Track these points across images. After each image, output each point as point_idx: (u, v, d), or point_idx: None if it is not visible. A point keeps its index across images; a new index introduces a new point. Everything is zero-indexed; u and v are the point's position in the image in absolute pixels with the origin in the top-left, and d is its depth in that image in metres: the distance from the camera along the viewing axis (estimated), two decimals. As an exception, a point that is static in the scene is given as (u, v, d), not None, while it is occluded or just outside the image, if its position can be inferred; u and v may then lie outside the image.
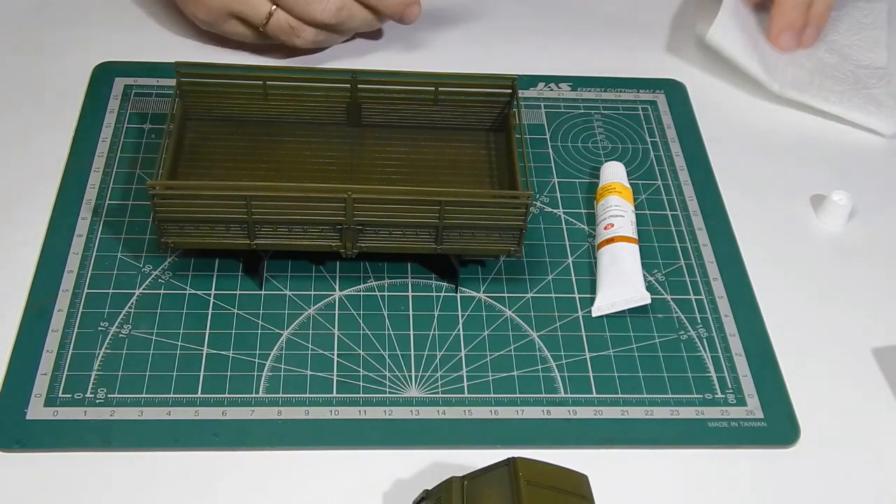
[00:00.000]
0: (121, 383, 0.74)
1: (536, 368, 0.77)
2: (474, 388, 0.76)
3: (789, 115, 1.01)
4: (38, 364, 0.75)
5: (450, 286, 0.82)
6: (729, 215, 0.90)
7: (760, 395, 0.77)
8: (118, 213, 0.85)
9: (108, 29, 1.03)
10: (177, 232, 0.77)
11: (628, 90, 1.02)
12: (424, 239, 0.78)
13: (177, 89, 0.83)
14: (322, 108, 0.87)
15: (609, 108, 1.00)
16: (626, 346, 0.79)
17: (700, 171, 0.94)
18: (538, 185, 0.91)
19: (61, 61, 0.99)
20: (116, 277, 0.81)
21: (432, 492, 0.65)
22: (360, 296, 0.81)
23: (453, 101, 0.87)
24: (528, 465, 0.62)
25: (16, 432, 0.71)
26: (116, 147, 0.91)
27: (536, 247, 0.86)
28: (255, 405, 0.73)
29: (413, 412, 0.74)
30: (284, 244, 0.78)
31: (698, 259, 0.86)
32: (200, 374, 0.75)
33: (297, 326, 0.79)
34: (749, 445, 0.74)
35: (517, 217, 0.76)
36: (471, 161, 0.87)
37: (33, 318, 0.77)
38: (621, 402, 0.76)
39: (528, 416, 0.74)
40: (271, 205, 0.75)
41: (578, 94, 1.01)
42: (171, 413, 0.72)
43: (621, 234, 0.84)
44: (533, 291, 0.82)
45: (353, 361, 0.77)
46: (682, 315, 0.82)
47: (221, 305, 0.79)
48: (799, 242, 0.89)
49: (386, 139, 0.87)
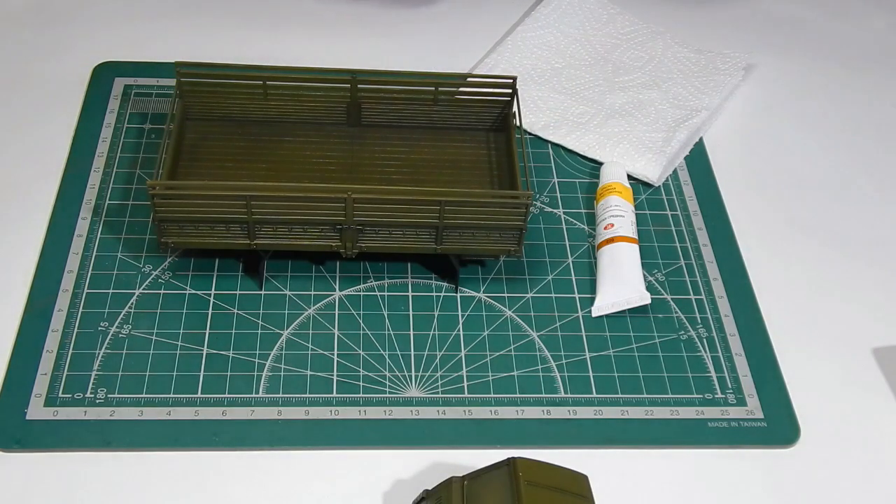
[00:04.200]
0: (121, 383, 0.74)
1: (536, 368, 0.77)
2: (474, 388, 0.76)
3: (788, 112, 1.01)
4: (38, 364, 0.75)
5: (450, 286, 0.82)
6: (729, 215, 0.90)
7: (760, 395, 0.77)
8: (118, 213, 0.85)
9: (108, 28, 1.03)
10: (177, 232, 0.77)
11: (628, 90, 1.02)
12: (424, 239, 0.78)
13: (177, 89, 0.83)
14: (322, 108, 0.87)
15: (609, 108, 1.00)
16: (626, 346, 0.79)
17: (700, 171, 0.94)
18: (538, 185, 0.91)
19: (61, 61, 0.99)
20: (116, 277, 0.81)
21: (432, 492, 0.65)
22: (360, 296, 0.81)
23: (453, 101, 0.87)
24: (528, 465, 0.62)
25: (16, 432, 0.71)
26: (116, 147, 0.91)
27: (536, 247, 0.86)
28: (255, 405, 0.73)
29: (413, 412, 0.74)
30: (284, 244, 0.78)
31: (698, 259, 0.86)
32: (200, 374, 0.75)
33: (297, 326, 0.79)
34: (749, 445, 0.74)
35: (517, 217, 0.76)
36: (471, 161, 0.87)
37: (33, 318, 0.77)
38: (621, 402, 0.76)
39: (528, 416, 0.74)
40: (271, 205, 0.75)
41: (578, 94, 1.01)
42: (171, 413, 0.73)
43: (621, 234, 0.84)
44: (533, 291, 0.82)
45: (353, 361, 0.77)
46: (682, 315, 0.82)
47: (221, 305, 0.79)
48: (799, 242, 0.89)
49: (386, 139, 0.87)
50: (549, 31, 1.04)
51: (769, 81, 1.04)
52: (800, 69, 1.06)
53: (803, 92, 1.04)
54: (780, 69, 1.06)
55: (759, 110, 1.01)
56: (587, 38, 1.04)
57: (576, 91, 0.98)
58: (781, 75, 1.05)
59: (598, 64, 1.02)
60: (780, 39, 1.09)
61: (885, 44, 1.10)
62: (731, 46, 1.05)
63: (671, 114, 0.96)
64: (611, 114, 0.96)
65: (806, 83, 1.05)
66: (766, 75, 1.05)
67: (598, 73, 1.00)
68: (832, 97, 1.04)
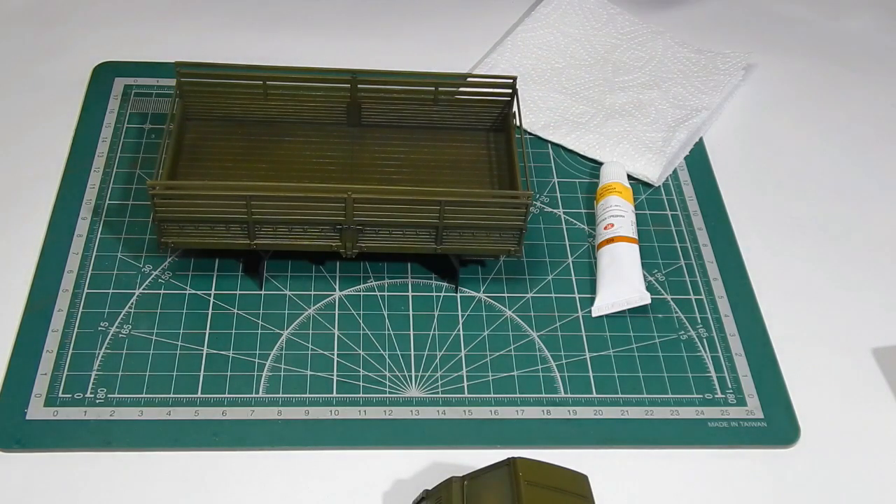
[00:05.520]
0: (121, 383, 0.74)
1: (536, 368, 0.77)
2: (474, 388, 0.76)
3: (788, 112, 1.01)
4: (38, 364, 0.75)
5: (450, 286, 0.82)
6: (729, 215, 0.90)
7: (760, 395, 0.77)
8: (118, 213, 0.85)
9: (108, 28, 1.03)
10: (177, 232, 0.77)
11: (628, 90, 1.02)
12: (424, 239, 0.78)
13: (177, 89, 0.83)
14: (322, 108, 0.87)
15: (609, 108, 1.00)
16: (626, 346, 0.79)
17: (700, 171, 0.94)
18: (538, 185, 0.91)
19: (61, 61, 0.99)
20: (116, 277, 0.81)
21: (432, 492, 0.65)
22: (360, 296, 0.81)
23: (453, 101, 0.87)
24: (528, 465, 0.62)
25: (16, 432, 0.71)
26: (116, 147, 0.91)
27: (536, 247, 0.86)
28: (255, 405, 0.73)
29: (413, 412, 0.74)
30: (284, 244, 0.78)
31: (698, 259, 0.86)
32: (200, 374, 0.75)
33: (297, 326, 0.79)
34: (749, 445, 0.74)
35: (517, 217, 0.76)
36: (471, 161, 0.87)
37: (33, 318, 0.77)
38: (621, 402, 0.76)
39: (528, 416, 0.74)
40: (271, 205, 0.75)
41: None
42: (171, 413, 0.73)
43: (621, 234, 0.84)
44: (533, 291, 0.82)
45: (353, 361, 0.77)
46: (682, 315, 0.82)
47: (221, 305, 0.79)
48: (799, 242, 0.89)
49: (386, 139, 0.87)
50: (549, 31, 1.04)
51: (769, 81, 1.04)
52: (800, 69, 1.06)
53: (803, 92, 1.04)
54: (780, 69, 1.06)
55: (759, 110, 1.01)
56: (587, 38, 1.04)
57: (576, 91, 0.98)
58: (781, 75, 1.05)
59: (598, 64, 1.02)
60: (780, 39, 1.09)
61: (885, 44, 1.10)
62: (731, 46, 1.05)
63: (671, 114, 0.96)
64: (611, 114, 0.96)
65: (806, 83, 1.05)
66: (766, 75, 1.05)
67: (598, 73, 1.01)
68: (832, 97, 1.04)
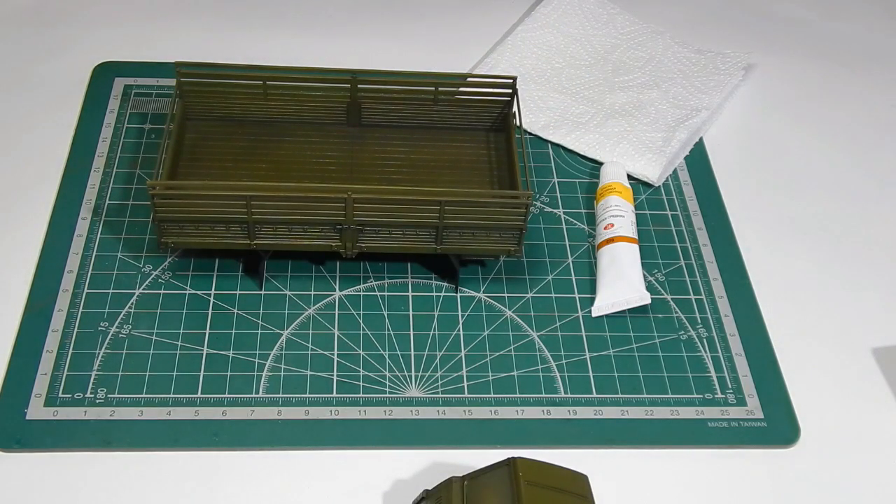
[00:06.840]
0: (121, 383, 0.74)
1: (536, 368, 0.77)
2: (474, 388, 0.76)
3: (788, 112, 1.01)
4: (38, 364, 0.75)
5: (450, 286, 0.82)
6: (729, 215, 0.90)
7: (760, 395, 0.77)
8: (118, 213, 0.85)
9: (108, 28, 1.03)
10: (177, 232, 0.77)
11: (628, 90, 1.02)
12: (424, 239, 0.78)
13: (177, 89, 0.83)
14: (322, 108, 0.87)
15: (609, 108, 1.00)
16: (626, 346, 0.79)
17: (700, 171, 0.94)
18: (538, 185, 0.91)
19: (61, 61, 0.99)
20: (116, 277, 0.81)
21: (432, 492, 0.65)
22: (360, 296, 0.81)
23: (453, 101, 0.87)
24: (528, 465, 0.62)
25: (16, 432, 0.71)
26: (116, 147, 0.91)
27: (536, 247, 0.86)
28: (255, 405, 0.73)
29: (413, 412, 0.74)
30: (284, 244, 0.78)
31: (698, 259, 0.86)
32: (200, 374, 0.75)
33: (297, 326, 0.79)
34: (749, 445, 0.74)
35: (517, 217, 0.76)
36: (471, 161, 0.87)
37: (33, 318, 0.77)
38: (621, 402, 0.76)
39: (528, 416, 0.74)
40: (271, 205, 0.75)
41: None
42: (171, 413, 0.73)
43: (621, 234, 0.84)
44: (533, 291, 0.82)
45: (353, 361, 0.77)
46: (682, 315, 0.82)
47: (221, 305, 0.79)
48: (799, 242, 0.89)
49: (386, 139, 0.87)
50: (549, 31, 1.04)
51: (769, 81, 1.04)
52: (800, 69, 1.06)
53: (803, 92, 1.04)
54: (780, 69, 1.06)
55: (759, 110, 1.01)
56: (587, 38, 1.04)
57: (576, 91, 0.98)
58: (781, 75, 1.05)
59: (598, 64, 1.02)
60: (780, 39, 1.09)
61: (886, 44, 1.10)
62: (731, 46, 1.05)
63: (671, 114, 0.96)
64: (611, 114, 0.96)
65: (806, 83, 1.05)
66: (766, 75, 1.05)
67: (598, 73, 1.01)
68: (832, 97, 1.04)
